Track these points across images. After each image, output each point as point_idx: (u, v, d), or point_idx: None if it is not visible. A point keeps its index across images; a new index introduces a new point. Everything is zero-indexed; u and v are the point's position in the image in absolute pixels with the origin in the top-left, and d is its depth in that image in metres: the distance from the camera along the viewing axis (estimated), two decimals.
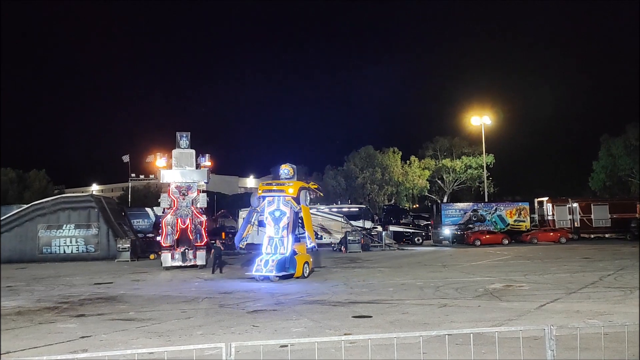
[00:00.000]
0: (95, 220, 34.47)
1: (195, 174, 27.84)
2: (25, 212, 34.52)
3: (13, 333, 11.30)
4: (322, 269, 24.34)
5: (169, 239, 26.70)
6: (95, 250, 33.90)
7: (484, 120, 54.15)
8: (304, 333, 10.39)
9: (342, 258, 30.70)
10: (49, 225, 34.05)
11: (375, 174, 61.51)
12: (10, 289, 19.12)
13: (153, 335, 10.76)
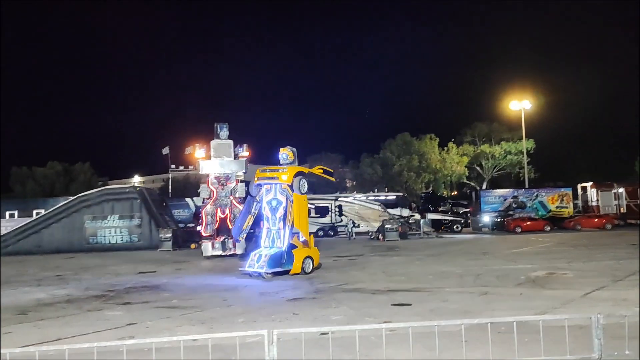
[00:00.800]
0: (138, 211, 35.39)
1: (234, 164, 28.19)
2: (72, 204, 35.74)
3: (64, 320, 11.75)
4: (360, 257, 24.36)
5: (209, 229, 27.21)
6: (138, 240, 34.85)
7: (523, 105, 52.82)
8: (344, 321, 10.45)
9: (379, 246, 30.64)
10: (94, 216, 35.17)
11: (412, 162, 60.91)
12: (60, 278, 19.87)
13: (196, 322, 11.01)
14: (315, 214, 42.89)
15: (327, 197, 45.11)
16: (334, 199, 43.97)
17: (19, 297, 15.43)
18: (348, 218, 41.33)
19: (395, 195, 46.47)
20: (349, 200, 44.10)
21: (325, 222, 42.73)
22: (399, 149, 62.86)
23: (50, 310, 12.99)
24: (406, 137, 63.54)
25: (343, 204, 43.16)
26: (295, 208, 18.92)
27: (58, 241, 34.28)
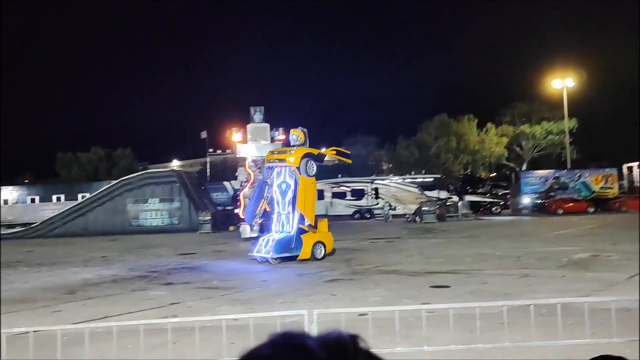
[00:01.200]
0: (178, 194, 36.17)
1: (270, 148, 28.34)
2: (115, 188, 36.80)
3: (110, 299, 12.18)
4: (397, 239, 24.31)
5: None
6: (178, 223, 35.66)
7: (566, 83, 51.18)
8: (382, 302, 10.48)
9: (417, 229, 30.47)
10: (136, 199, 36.14)
11: (449, 143, 60.00)
12: (105, 259, 20.55)
13: (236, 302, 11.24)
14: (351, 197, 42.91)
15: (363, 179, 45.01)
16: (370, 182, 43.86)
17: (67, 277, 16.05)
18: (384, 200, 41.19)
19: (433, 177, 46.00)
20: (385, 182, 43.90)
21: (361, 205, 42.71)
22: (436, 130, 61.99)
23: (97, 290, 13.47)
24: (444, 118, 62.56)
25: (379, 186, 43.01)
26: (300, 190, 18.18)
27: (102, 223, 35.42)
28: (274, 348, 0.57)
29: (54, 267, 18.66)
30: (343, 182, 44.34)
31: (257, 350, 0.57)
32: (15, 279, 15.91)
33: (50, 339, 6.93)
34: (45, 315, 10.68)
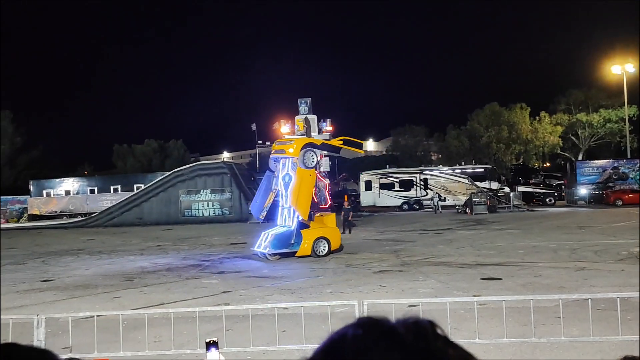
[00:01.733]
0: (228, 185, 36.91)
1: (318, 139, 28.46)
2: (168, 179, 37.91)
3: (165, 287, 12.61)
4: (446, 230, 24.00)
5: None
6: (229, 213, 36.41)
7: (626, 68, 48.88)
8: (432, 294, 10.42)
9: (467, 220, 29.97)
10: (188, 190, 37.13)
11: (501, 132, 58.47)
12: (160, 248, 21.25)
13: (286, 292, 11.43)
14: (399, 188, 42.59)
15: (412, 170, 44.56)
16: (418, 173, 43.38)
17: (125, 265, 16.72)
18: (433, 191, 40.67)
19: (483, 168, 45.02)
20: (434, 173, 43.31)
21: (410, 196, 42.33)
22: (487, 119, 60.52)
23: (153, 278, 13.97)
24: (495, 107, 60.96)
25: (428, 177, 42.48)
26: (296, 183, 17.32)
27: (157, 214, 36.60)
28: (364, 328, 0.60)
29: (112, 255, 19.46)
30: (391, 173, 44.03)
31: (347, 331, 0.61)
32: (77, 266, 16.70)
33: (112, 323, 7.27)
34: (106, 300, 11.18)
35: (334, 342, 0.60)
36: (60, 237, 28.43)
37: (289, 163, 18.02)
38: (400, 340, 0.59)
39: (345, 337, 0.60)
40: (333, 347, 0.60)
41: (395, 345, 0.58)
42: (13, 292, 12.55)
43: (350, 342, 0.59)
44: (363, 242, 20.79)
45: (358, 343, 0.58)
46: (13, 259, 19.07)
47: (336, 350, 0.58)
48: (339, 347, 0.58)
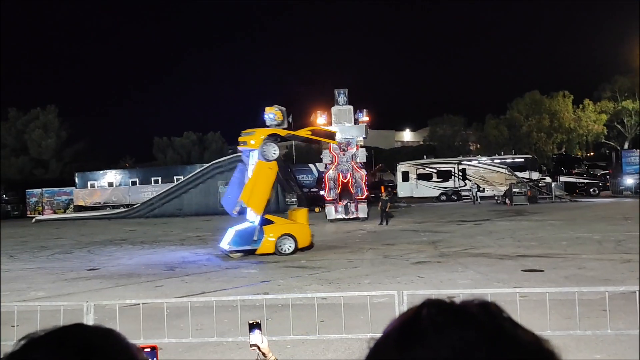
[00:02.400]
0: None
1: (354, 130, 28.44)
2: (207, 170, 38.56)
3: (206, 276, 12.88)
4: (486, 221, 23.65)
5: (332, 193, 27.93)
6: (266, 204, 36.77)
7: None
8: (471, 285, 10.31)
9: (506, 211, 29.44)
10: (226, 181, 37.61)
11: (542, 122, 57.03)
12: (200, 238, 21.68)
13: (324, 282, 11.50)
14: (437, 178, 42.14)
15: (450, 160, 44.00)
16: (456, 163, 42.80)
17: (167, 254, 17.13)
18: (472, 182, 40.08)
19: (524, 158, 44.04)
20: (472, 163, 42.66)
21: (448, 187, 41.84)
22: (527, 108, 59.11)
23: (194, 267, 14.28)
24: (535, 95, 59.46)
25: (467, 167, 41.87)
26: (252, 176, 16.31)
27: (196, 204, 37.31)
28: (437, 308, 0.62)
29: (154, 245, 19.97)
30: (428, 164, 43.59)
31: (420, 310, 0.63)
32: (121, 256, 17.22)
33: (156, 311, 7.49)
34: (149, 289, 11.50)
35: (409, 320, 0.62)
36: (104, 228, 29.32)
37: (254, 155, 16.84)
38: (473, 318, 0.61)
39: (420, 316, 0.62)
40: (409, 325, 0.61)
41: (470, 323, 0.60)
42: (62, 280, 13.05)
43: (427, 320, 0.61)
44: (401, 233, 20.69)
45: (434, 321, 0.60)
46: (61, 249, 19.80)
47: (413, 327, 0.60)
48: (415, 325, 0.60)
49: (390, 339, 0.62)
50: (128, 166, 61.96)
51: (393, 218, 26.42)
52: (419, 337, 0.59)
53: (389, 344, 0.61)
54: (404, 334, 0.60)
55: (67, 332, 0.73)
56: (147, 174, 47.07)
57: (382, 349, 0.62)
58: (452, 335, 0.59)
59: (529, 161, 42.93)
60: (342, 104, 28.84)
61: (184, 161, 59.41)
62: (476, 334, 0.59)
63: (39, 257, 17.69)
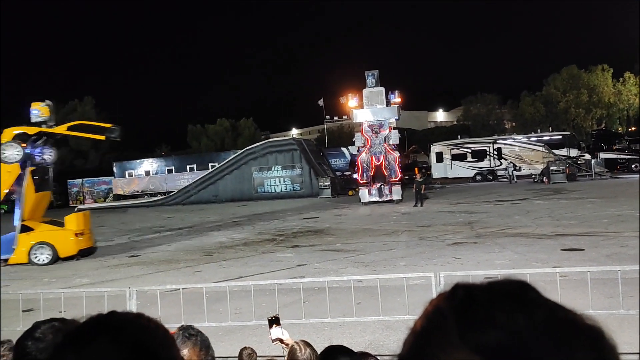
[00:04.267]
0: (298, 162, 37.42)
1: (386, 112, 28.22)
2: (241, 157, 38.97)
3: (242, 261, 13.08)
4: (523, 200, 23.22)
5: (365, 176, 27.85)
6: (300, 189, 37.00)
7: None
8: (509, 265, 10.18)
9: (544, 189, 28.81)
10: (260, 167, 38.03)
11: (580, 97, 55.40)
12: (236, 224, 21.99)
13: (359, 264, 11.53)
14: (471, 158, 41.52)
15: (485, 140, 43.24)
16: (492, 142, 42.03)
17: (204, 240, 17.45)
18: (508, 161, 39.34)
19: (561, 135, 42.91)
20: (508, 142, 41.82)
21: (483, 166, 41.19)
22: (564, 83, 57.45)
23: (231, 252, 14.52)
24: (573, 70, 57.70)
25: (502, 146, 41.09)
26: None
27: (231, 191, 37.82)
28: (484, 286, 0.62)
29: (192, 231, 20.37)
30: (463, 144, 42.94)
31: (468, 286, 0.62)
32: (160, 242, 17.63)
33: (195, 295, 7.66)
34: (188, 274, 11.76)
35: (464, 294, 0.62)
36: (143, 215, 30.04)
37: None
38: (525, 296, 0.61)
39: (473, 290, 0.61)
40: (464, 299, 0.61)
41: (518, 302, 0.60)
42: (105, 267, 13.48)
43: (480, 295, 0.61)
44: (436, 214, 20.52)
45: (486, 296, 0.60)
46: (103, 236, 20.39)
47: (472, 310, 0.59)
48: (471, 300, 0.60)
49: (447, 322, 0.60)
50: (164, 154, 63.03)
51: (428, 200, 26.20)
52: (484, 320, 0.58)
53: (447, 328, 0.59)
54: (464, 317, 0.59)
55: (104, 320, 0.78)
56: (182, 162, 47.84)
57: (438, 331, 0.60)
58: (520, 317, 0.58)
59: (567, 138, 41.79)
60: (373, 86, 28.62)
61: (217, 148, 60.12)
62: (542, 315, 0.59)
63: None
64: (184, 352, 1.69)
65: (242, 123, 67.49)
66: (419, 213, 21.47)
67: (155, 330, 0.79)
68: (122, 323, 0.77)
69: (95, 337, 0.73)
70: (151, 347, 0.75)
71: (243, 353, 4.15)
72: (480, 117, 65.62)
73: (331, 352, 2.02)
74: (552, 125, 54.78)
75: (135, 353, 0.73)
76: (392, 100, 28.73)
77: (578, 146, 41.01)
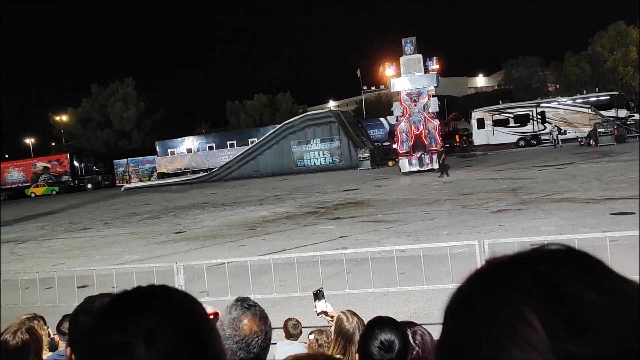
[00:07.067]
0: (337, 134, 37.34)
1: (424, 79, 27.71)
2: (280, 131, 39.16)
3: (285, 234, 13.25)
4: (569, 165, 22.55)
5: (405, 146, 27.57)
6: (339, 161, 37.00)
7: None
8: (556, 231, 9.96)
9: (591, 152, 27.87)
10: (299, 141, 38.16)
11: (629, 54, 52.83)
12: (277, 198, 22.23)
13: (402, 235, 11.51)
14: (514, 123, 40.45)
15: (527, 104, 41.98)
16: (535, 106, 40.78)
17: (247, 215, 17.73)
18: (552, 125, 38.15)
19: (609, 95, 41.18)
20: (552, 105, 40.48)
21: (526, 131, 40.09)
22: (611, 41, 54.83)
23: (273, 226, 14.71)
24: (620, 26, 54.92)
25: (546, 110, 39.82)
26: None
27: (271, 165, 38.19)
28: (549, 249, 0.55)
29: (234, 206, 20.71)
30: (504, 109, 41.82)
31: (537, 249, 0.56)
32: (204, 218, 18.02)
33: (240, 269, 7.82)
34: (233, 249, 12.01)
35: (527, 256, 0.57)
36: (187, 192, 30.69)
37: None
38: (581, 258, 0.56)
39: (538, 252, 0.57)
40: (526, 260, 0.56)
41: (613, 297, 0.51)
42: (152, 244, 13.90)
43: (545, 256, 0.56)
44: (478, 182, 20.19)
45: (571, 289, 0.53)
46: (149, 214, 21.00)
47: (552, 297, 0.50)
48: (553, 294, 0.51)
49: (523, 318, 0.50)
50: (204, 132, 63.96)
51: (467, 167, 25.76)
52: (578, 323, 0.48)
53: (525, 327, 0.49)
54: (549, 316, 0.49)
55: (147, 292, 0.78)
56: (222, 139, 48.41)
57: (509, 326, 0.50)
58: (621, 320, 0.48)
59: (615, 98, 40.07)
60: (411, 53, 28.08)
61: (256, 124, 60.53)
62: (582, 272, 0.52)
63: (130, 223, 18.88)
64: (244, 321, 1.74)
65: (279, 98, 67.56)
66: (461, 181, 21.17)
67: (201, 313, 0.79)
68: (168, 300, 0.77)
69: (141, 312, 0.73)
70: (196, 330, 0.75)
71: (288, 324, 4.24)
72: (522, 80, 63.56)
73: (377, 322, 2.06)
74: (599, 85, 52.54)
75: (181, 333, 0.72)
76: (430, 67, 28.15)
77: (627, 106, 39.31)
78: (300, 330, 4.26)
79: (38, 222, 22.76)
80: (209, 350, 0.76)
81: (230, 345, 1.67)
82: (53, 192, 48.23)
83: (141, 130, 61.56)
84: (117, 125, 60.96)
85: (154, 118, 62.69)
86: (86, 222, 21.00)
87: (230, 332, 1.70)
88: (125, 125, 60.78)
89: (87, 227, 19.12)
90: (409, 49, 28.06)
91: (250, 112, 65.82)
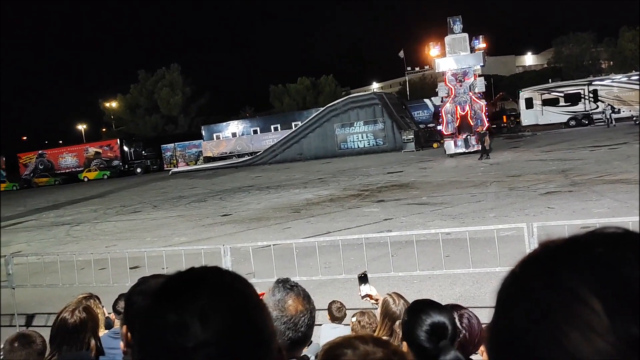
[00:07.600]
0: (380, 116, 37.03)
1: (470, 59, 27.04)
2: (323, 114, 39.15)
3: (330, 217, 13.30)
4: (622, 145, 21.65)
5: (450, 127, 27.09)
6: (383, 143, 36.73)
7: None
8: (608, 214, 9.61)
9: None
10: (342, 123, 38.06)
11: None
12: (321, 180, 22.32)
13: (447, 217, 11.37)
14: (564, 103, 39.04)
15: (579, 82, 40.40)
16: (586, 84, 39.19)
17: (291, 198, 17.89)
18: (605, 103, 36.60)
19: None
20: (605, 83, 38.79)
21: (578, 111, 38.63)
22: None
23: (318, 209, 14.80)
24: None
25: (598, 88, 38.20)
26: None
27: (315, 148, 38.29)
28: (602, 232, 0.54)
29: (279, 189, 20.93)
30: (554, 88, 40.38)
31: (593, 232, 0.55)
32: (250, 201, 18.30)
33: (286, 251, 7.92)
34: (278, 231, 12.17)
35: (583, 239, 0.54)
36: (232, 176, 31.20)
37: None
38: None
39: (594, 235, 0.55)
40: (581, 242, 0.55)
41: None
42: (200, 226, 14.23)
43: (602, 239, 0.54)
44: (527, 163, 19.66)
45: (609, 240, 0.52)
46: (196, 197, 21.48)
47: (615, 280, 0.50)
48: (615, 277, 0.50)
49: (583, 301, 0.49)
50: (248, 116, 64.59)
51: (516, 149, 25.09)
52: None
53: (586, 310, 0.49)
54: (612, 300, 0.49)
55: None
56: (266, 122, 48.78)
57: (568, 311, 0.50)
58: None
59: None
60: (457, 32, 27.41)
61: (299, 107, 60.63)
62: None
63: (178, 206, 19.37)
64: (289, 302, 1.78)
65: (322, 80, 67.37)
66: (508, 163, 20.67)
67: (253, 294, 0.81)
68: (221, 281, 0.79)
69: (195, 293, 0.74)
70: (248, 311, 0.76)
71: (332, 307, 4.28)
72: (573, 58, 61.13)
73: (420, 306, 1.99)
74: None
75: (234, 314, 0.74)
76: (476, 47, 27.43)
77: None
78: (345, 313, 4.29)
79: (91, 206, 23.67)
80: (262, 331, 0.77)
81: (278, 326, 1.71)
82: (105, 176, 49.93)
83: (187, 115, 62.72)
84: (164, 111, 62.29)
85: (199, 103, 63.72)
86: (136, 205, 21.68)
87: (277, 313, 1.73)
88: (171, 110, 62.03)
89: (137, 210, 19.75)
90: (457, 28, 27.40)
91: (293, 95, 65.95)
